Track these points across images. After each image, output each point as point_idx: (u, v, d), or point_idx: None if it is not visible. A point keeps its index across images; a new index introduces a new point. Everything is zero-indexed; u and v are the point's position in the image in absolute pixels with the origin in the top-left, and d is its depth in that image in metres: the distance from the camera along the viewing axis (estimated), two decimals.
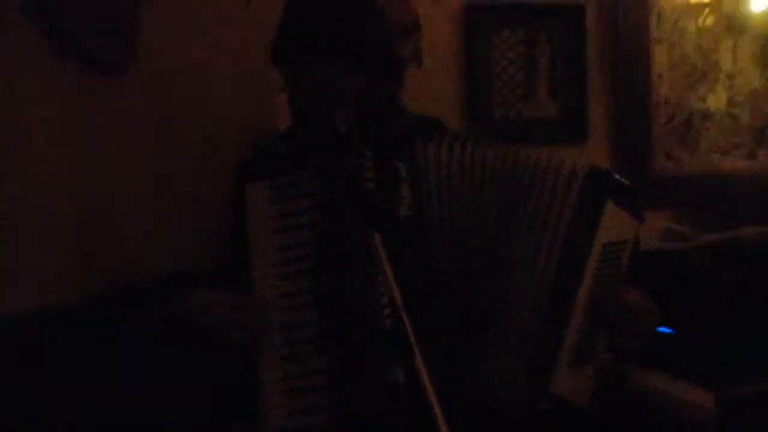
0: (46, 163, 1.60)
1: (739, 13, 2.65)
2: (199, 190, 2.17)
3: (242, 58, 2.32)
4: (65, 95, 1.67)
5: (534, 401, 1.38)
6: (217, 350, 1.45)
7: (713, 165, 2.67)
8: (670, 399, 1.90)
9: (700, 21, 2.64)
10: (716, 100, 2.65)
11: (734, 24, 2.65)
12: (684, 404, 1.86)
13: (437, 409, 1.02)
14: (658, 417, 1.93)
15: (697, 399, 1.82)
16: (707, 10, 2.65)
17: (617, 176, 1.43)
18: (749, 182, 2.63)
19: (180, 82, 2.16)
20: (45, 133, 1.59)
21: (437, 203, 1.41)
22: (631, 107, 2.65)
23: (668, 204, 2.62)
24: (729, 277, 2.12)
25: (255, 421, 1.42)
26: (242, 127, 2.28)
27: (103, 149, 1.85)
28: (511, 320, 1.39)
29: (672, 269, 2.22)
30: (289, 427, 1.39)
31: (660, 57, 2.63)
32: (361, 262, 1.34)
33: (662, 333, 2.01)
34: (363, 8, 1.54)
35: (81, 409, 1.58)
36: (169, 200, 2.11)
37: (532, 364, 1.38)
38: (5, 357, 1.48)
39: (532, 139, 2.58)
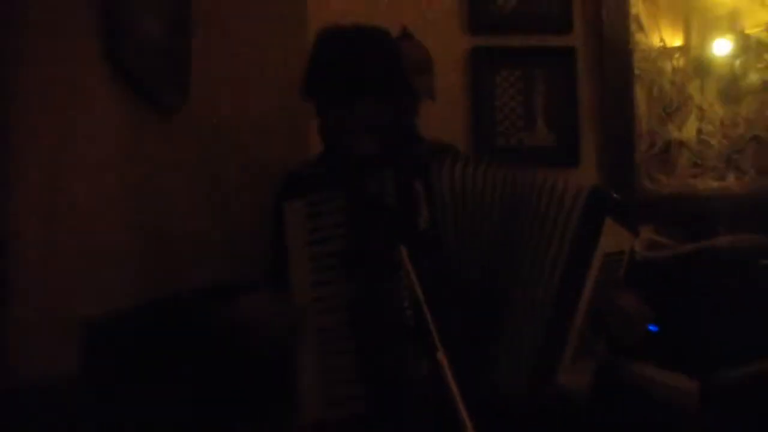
0: (105, 185, 1.66)
1: (705, 56, 2.93)
2: (241, 210, 2.30)
3: (278, 98, 2.50)
4: (126, 128, 1.74)
5: (539, 393, 1.43)
6: (261, 350, 1.58)
7: (689, 186, 2.88)
8: (661, 386, 1.99)
9: (674, 61, 2.90)
10: (689, 130, 2.89)
11: (701, 66, 2.92)
12: (672, 390, 1.96)
13: (459, 398, 1.09)
14: (650, 403, 2.01)
15: (684, 385, 1.92)
16: (678, 53, 2.91)
17: (615, 195, 1.54)
18: (720, 200, 2.83)
19: (225, 117, 2.27)
20: (106, 159, 1.65)
21: (451, 217, 1.46)
22: (616, 136, 2.87)
23: (651, 220, 2.79)
24: (706, 280, 2.25)
25: (284, 415, 1.55)
26: (278, 155, 2.47)
27: (158, 174, 1.92)
28: (519, 322, 1.45)
29: (656, 275, 2.34)
30: (325, 418, 1.46)
31: (640, 92, 2.87)
32: (385, 270, 1.40)
33: (648, 330, 2.23)
34: (382, 47, 1.66)
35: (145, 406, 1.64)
36: (214, 218, 2.20)
37: (539, 362, 1.43)
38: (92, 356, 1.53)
39: (530, 164, 2.83)
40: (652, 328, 2.05)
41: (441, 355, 1.14)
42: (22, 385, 1.27)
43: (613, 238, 1.47)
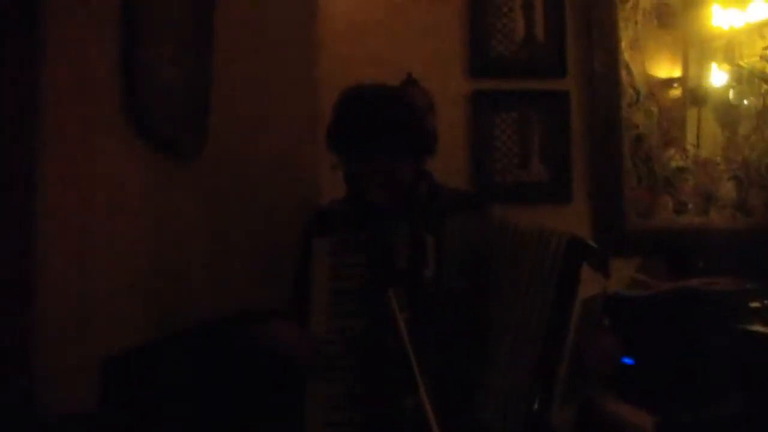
0: (127, 228, 1.71)
1: (701, 86, 3.07)
2: (255, 246, 2.43)
3: (293, 144, 2.63)
4: (144, 174, 1.80)
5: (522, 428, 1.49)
6: (279, 371, 1.71)
7: (673, 221, 3.04)
8: (618, 420, 2.01)
9: (672, 91, 3.03)
10: (673, 169, 3.06)
11: (697, 95, 3.07)
12: (628, 425, 1.98)
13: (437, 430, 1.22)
14: None
15: (639, 422, 1.94)
16: (677, 83, 3.07)
17: (590, 243, 1.59)
18: (702, 235, 3.00)
19: (241, 159, 2.40)
20: (125, 204, 1.71)
21: (455, 270, 1.57)
22: (605, 174, 3.04)
23: (637, 252, 2.99)
24: (678, 318, 2.32)
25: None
26: (291, 195, 2.60)
27: (177, 218, 1.99)
28: (510, 367, 1.52)
29: (635, 313, 2.45)
30: None
31: (627, 134, 3.04)
32: (383, 311, 1.47)
33: (625, 363, 2.22)
34: (398, 109, 1.77)
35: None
36: (230, 255, 2.32)
37: (531, 404, 1.49)
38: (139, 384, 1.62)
39: (527, 199, 2.99)
40: (628, 361, 2.25)
41: (422, 393, 1.26)
42: (43, 422, 1.34)
43: (589, 283, 1.54)
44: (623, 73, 3.04)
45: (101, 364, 1.53)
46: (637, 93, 3.06)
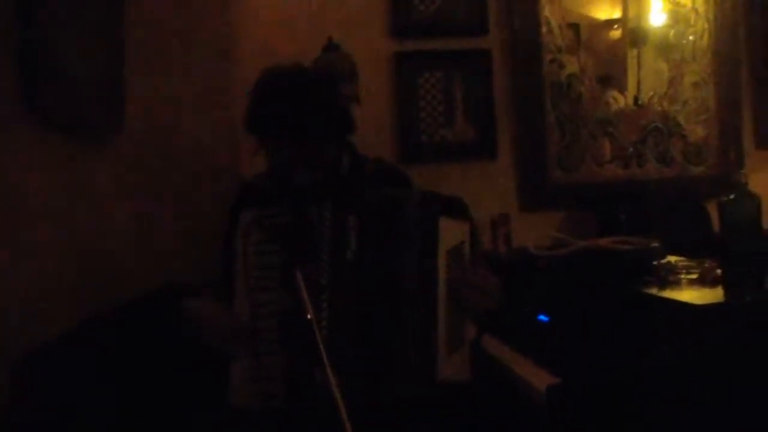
0: (35, 218, 1.65)
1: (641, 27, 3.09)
2: (181, 222, 2.38)
3: (213, 119, 2.56)
4: (49, 161, 1.72)
5: (426, 390, 1.53)
6: (203, 349, 1.66)
7: (597, 174, 3.11)
8: (518, 379, 1.96)
9: (612, 33, 3.08)
10: (597, 123, 3.10)
11: (637, 36, 3.10)
12: (525, 385, 1.91)
13: (340, 403, 1.27)
14: (510, 392, 1.99)
15: (536, 382, 1.84)
16: (617, 25, 3.10)
17: (441, 195, 1.63)
18: (626, 187, 3.07)
19: (162, 140, 2.33)
20: (32, 194, 1.65)
21: (373, 251, 1.60)
22: (529, 130, 3.09)
23: (563, 206, 3.06)
24: (582, 278, 2.31)
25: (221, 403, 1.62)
26: (215, 171, 2.53)
27: (95, 200, 1.93)
28: (398, 328, 1.56)
29: (546, 271, 2.48)
30: (248, 408, 1.60)
31: (550, 89, 3.08)
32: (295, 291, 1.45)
33: (541, 321, 2.28)
34: (320, 93, 1.74)
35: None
36: (160, 234, 2.27)
37: (418, 360, 1.53)
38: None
39: (453, 157, 3.03)
40: (542, 318, 2.28)
41: (327, 368, 1.31)
42: None
43: (451, 233, 1.58)
44: (544, 29, 3.07)
45: (13, 362, 1.51)
46: (558, 48, 3.09)
